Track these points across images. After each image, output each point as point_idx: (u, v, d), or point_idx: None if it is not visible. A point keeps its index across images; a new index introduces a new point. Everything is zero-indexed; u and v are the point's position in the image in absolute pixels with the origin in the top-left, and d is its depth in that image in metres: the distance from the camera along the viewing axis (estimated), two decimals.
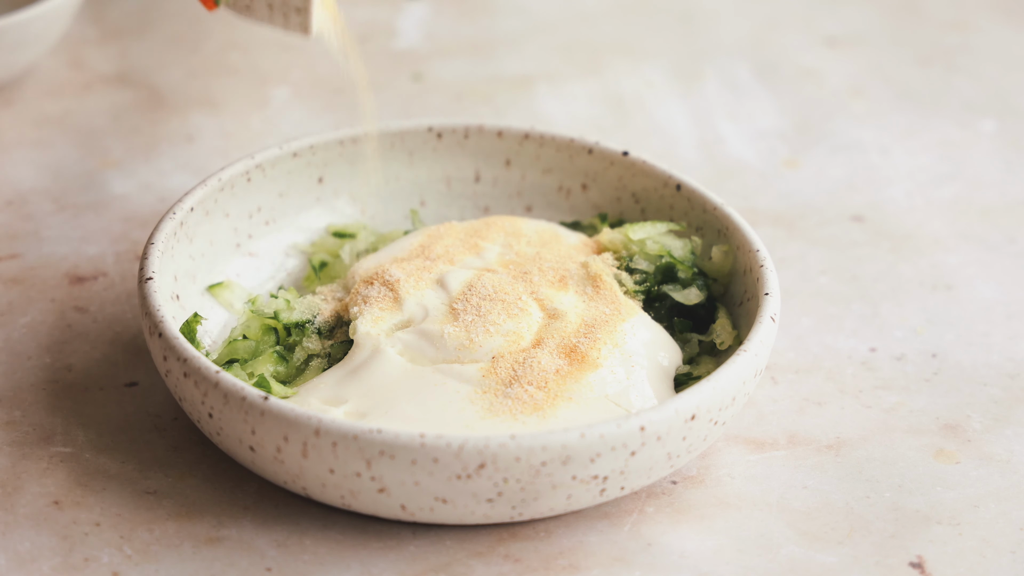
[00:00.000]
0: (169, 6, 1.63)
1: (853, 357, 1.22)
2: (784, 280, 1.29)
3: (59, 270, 1.28)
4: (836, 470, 1.12)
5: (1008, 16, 1.68)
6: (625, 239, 1.18)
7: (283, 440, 1.01)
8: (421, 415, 1.06)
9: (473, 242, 1.18)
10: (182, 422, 1.14)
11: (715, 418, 1.05)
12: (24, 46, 1.45)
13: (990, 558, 1.06)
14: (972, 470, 1.13)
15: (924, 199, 1.40)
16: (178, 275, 1.16)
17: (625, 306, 1.13)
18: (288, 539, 1.06)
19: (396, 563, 1.04)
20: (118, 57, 1.56)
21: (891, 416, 1.17)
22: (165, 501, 1.08)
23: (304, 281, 1.23)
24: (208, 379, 1.03)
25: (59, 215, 1.34)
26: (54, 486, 1.09)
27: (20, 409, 1.15)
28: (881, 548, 1.06)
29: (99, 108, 1.49)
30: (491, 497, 1.01)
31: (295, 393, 1.09)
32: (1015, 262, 1.33)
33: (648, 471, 1.04)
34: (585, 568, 1.04)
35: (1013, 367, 1.22)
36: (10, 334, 1.21)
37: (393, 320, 1.12)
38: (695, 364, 1.16)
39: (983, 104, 1.53)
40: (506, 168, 1.27)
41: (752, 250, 1.15)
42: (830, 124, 1.50)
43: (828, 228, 1.36)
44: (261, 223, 1.23)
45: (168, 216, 1.16)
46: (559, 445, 1.00)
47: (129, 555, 1.04)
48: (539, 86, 1.54)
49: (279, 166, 1.23)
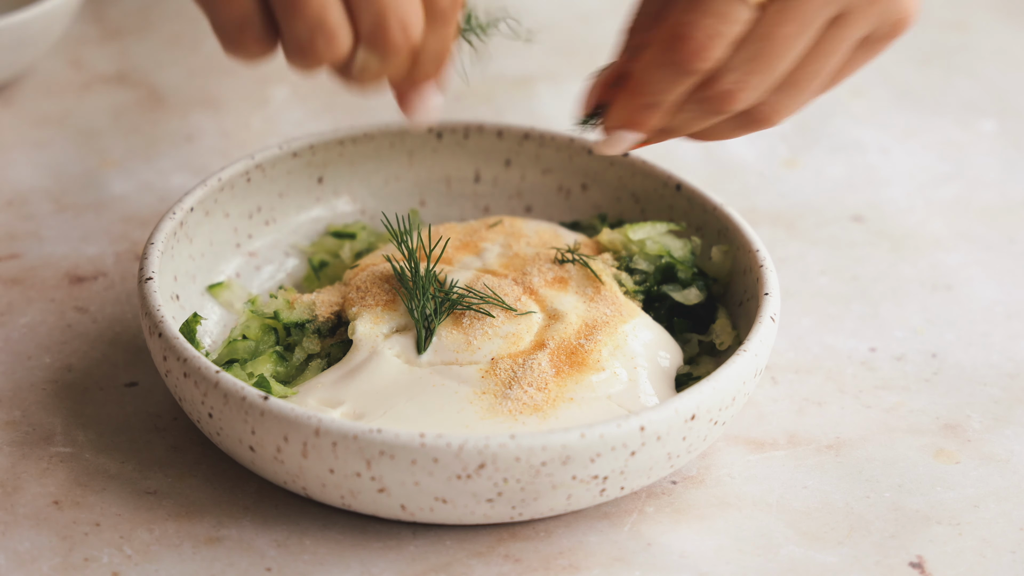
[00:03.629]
0: (169, 6, 1.63)
1: (853, 357, 1.22)
2: (784, 280, 1.29)
3: (59, 270, 1.28)
4: (836, 470, 1.12)
5: (1008, 16, 1.68)
6: (625, 239, 1.18)
7: (283, 440, 1.01)
8: (419, 416, 1.06)
9: (473, 242, 1.18)
10: (182, 422, 1.14)
11: (715, 418, 1.05)
12: (24, 46, 1.45)
13: (990, 558, 1.06)
14: (972, 470, 1.13)
15: (924, 199, 1.40)
16: (178, 275, 1.16)
17: (626, 307, 1.13)
18: (288, 539, 1.06)
19: (396, 563, 1.04)
20: (118, 57, 1.56)
21: (891, 416, 1.17)
22: (165, 501, 1.08)
23: (304, 281, 1.23)
24: (208, 379, 1.03)
25: (59, 215, 1.34)
26: (54, 486, 1.09)
27: (20, 409, 1.15)
28: (881, 548, 1.06)
29: (99, 108, 1.49)
30: (491, 497, 1.01)
31: (295, 393, 1.09)
32: (1015, 262, 1.33)
33: (648, 471, 1.04)
34: (585, 568, 1.04)
35: (1013, 367, 1.22)
36: (10, 334, 1.21)
37: (392, 321, 1.12)
38: (695, 364, 1.16)
39: (983, 104, 1.53)
40: (506, 168, 1.27)
41: (752, 250, 1.15)
42: (830, 124, 1.50)
43: (828, 228, 1.36)
44: (261, 223, 1.23)
45: (168, 216, 1.16)
46: (559, 445, 1.00)
47: (129, 555, 1.04)
48: (539, 86, 1.54)
49: (279, 166, 1.23)
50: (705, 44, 0.98)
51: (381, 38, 0.97)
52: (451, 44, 1.01)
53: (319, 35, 0.96)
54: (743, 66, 0.99)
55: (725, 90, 1.00)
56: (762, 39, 0.99)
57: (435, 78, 1.02)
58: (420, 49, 1.00)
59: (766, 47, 0.99)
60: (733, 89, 1.00)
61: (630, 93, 1.02)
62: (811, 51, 1.01)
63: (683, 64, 0.99)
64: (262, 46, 0.98)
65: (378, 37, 0.97)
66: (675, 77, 1.00)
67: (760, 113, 1.03)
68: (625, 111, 1.03)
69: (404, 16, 0.97)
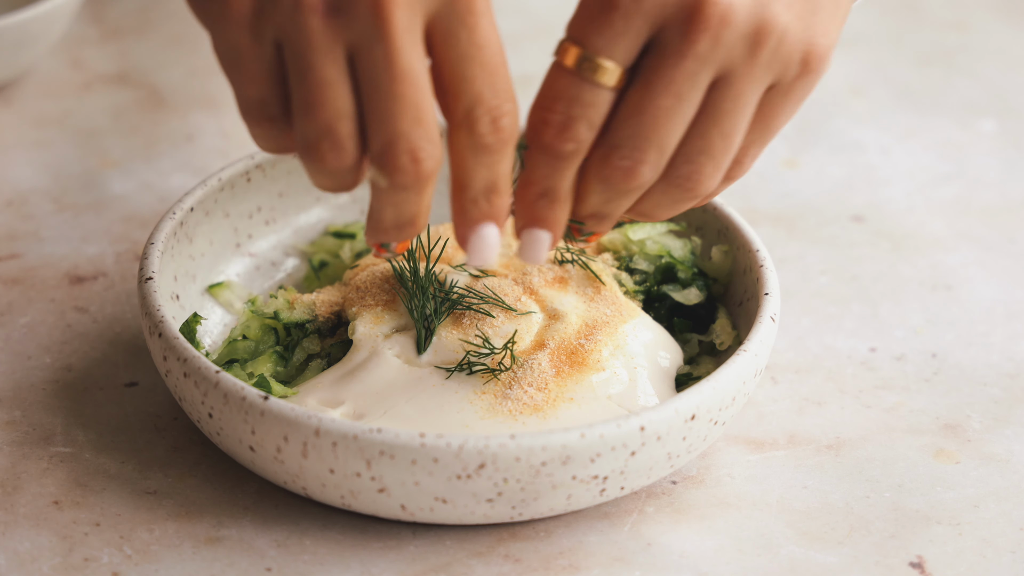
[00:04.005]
0: (169, 6, 1.63)
1: (853, 357, 1.22)
2: (784, 280, 1.29)
3: (59, 270, 1.28)
4: (836, 470, 1.12)
5: (1008, 16, 1.68)
6: (625, 239, 1.18)
7: (283, 440, 1.01)
8: (419, 416, 1.06)
9: None
10: (182, 422, 1.14)
11: (715, 418, 1.05)
12: (24, 46, 1.45)
13: (990, 558, 1.06)
14: (972, 470, 1.13)
15: (924, 199, 1.40)
16: (178, 275, 1.16)
17: (626, 307, 1.13)
18: (288, 539, 1.06)
19: (396, 563, 1.04)
20: (118, 57, 1.56)
21: (891, 416, 1.17)
22: (165, 501, 1.08)
23: (304, 281, 1.23)
24: (208, 379, 1.03)
25: (59, 215, 1.34)
26: (54, 486, 1.09)
27: (20, 409, 1.15)
28: (881, 548, 1.06)
29: (99, 108, 1.49)
30: (491, 497, 1.01)
31: (295, 393, 1.09)
32: (1015, 262, 1.33)
33: (648, 471, 1.04)
34: (585, 568, 1.04)
35: (1013, 367, 1.22)
36: (10, 334, 1.21)
37: (392, 321, 1.12)
38: (695, 364, 1.16)
39: (983, 104, 1.53)
40: None
41: (752, 250, 1.15)
42: (830, 124, 1.50)
43: (828, 228, 1.36)
44: (261, 223, 1.23)
45: (168, 216, 1.16)
46: (559, 445, 1.00)
47: (129, 555, 1.04)
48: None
49: (279, 166, 1.23)
50: (565, 126, 0.96)
51: (388, 163, 0.94)
52: (507, 181, 0.97)
53: (326, 142, 0.94)
54: (628, 142, 0.96)
55: (620, 166, 0.97)
56: (638, 114, 0.96)
57: (491, 219, 0.98)
58: (466, 181, 0.97)
59: (645, 121, 0.96)
60: (628, 165, 0.97)
61: (522, 187, 1.00)
62: (703, 118, 0.97)
63: (550, 148, 0.97)
64: (279, 132, 0.96)
65: (385, 161, 0.94)
66: (551, 161, 0.98)
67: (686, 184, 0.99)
68: (525, 207, 1.00)
69: (416, 144, 0.94)
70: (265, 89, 0.95)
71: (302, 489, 1.04)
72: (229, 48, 0.94)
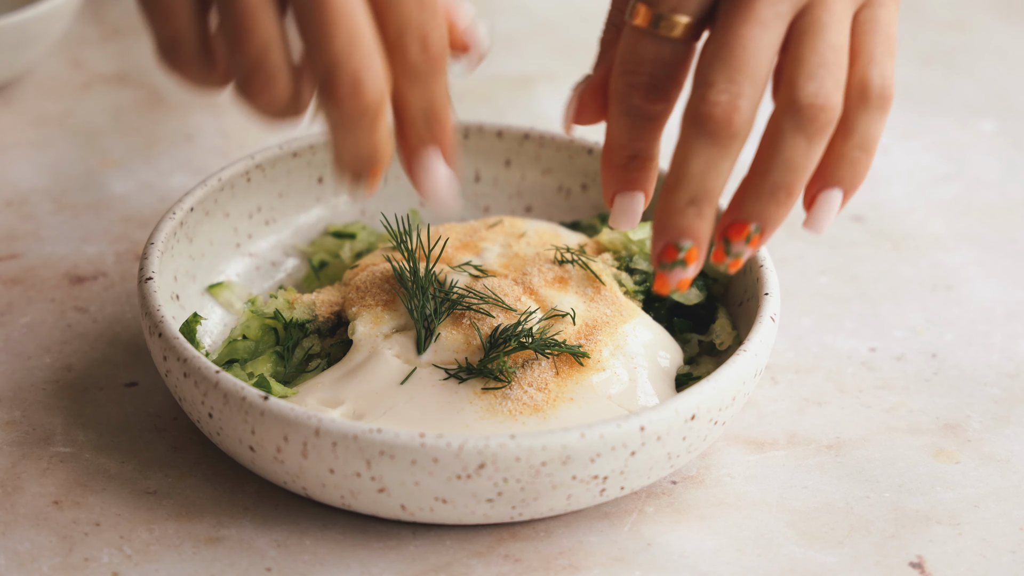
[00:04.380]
0: None
1: (853, 357, 1.22)
2: (784, 280, 1.29)
3: (59, 270, 1.28)
4: (836, 470, 1.12)
5: (1008, 16, 1.68)
6: (625, 239, 1.18)
7: (283, 440, 1.01)
8: (419, 416, 1.06)
9: (472, 242, 1.18)
10: (182, 422, 1.14)
11: (715, 418, 1.05)
12: (24, 46, 1.45)
13: (990, 558, 1.06)
14: (972, 470, 1.13)
15: (924, 199, 1.40)
16: (178, 275, 1.16)
17: (626, 307, 1.13)
18: (288, 539, 1.06)
19: (396, 563, 1.04)
20: (118, 57, 1.56)
21: (891, 416, 1.17)
22: (165, 501, 1.08)
23: (304, 281, 1.23)
24: (208, 379, 1.03)
25: (59, 215, 1.34)
26: (54, 486, 1.09)
27: (20, 409, 1.15)
28: (881, 548, 1.06)
29: (99, 108, 1.49)
30: (491, 497, 1.01)
31: (295, 393, 1.09)
32: (1015, 262, 1.33)
33: (648, 471, 1.04)
34: (585, 568, 1.04)
35: (1013, 367, 1.22)
36: (10, 334, 1.21)
37: (392, 321, 1.12)
38: (695, 364, 1.16)
39: (983, 104, 1.53)
40: (506, 168, 1.27)
41: None
42: None
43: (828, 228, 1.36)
44: (261, 223, 1.23)
45: (168, 216, 1.16)
46: (559, 445, 1.00)
47: (129, 555, 1.04)
48: (539, 86, 1.54)
49: (279, 166, 1.23)
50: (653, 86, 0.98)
51: (331, 93, 0.90)
52: (444, 103, 0.94)
53: (259, 73, 0.90)
54: (722, 75, 0.95)
55: (718, 102, 0.95)
56: (725, 47, 0.95)
57: (432, 144, 0.95)
58: (404, 108, 0.94)
59: (735, 52, 0.95)
60: (725, 99, 0.95)
61: (608, 151, 1.00)
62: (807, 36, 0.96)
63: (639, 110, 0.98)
64: (198, 73, 0.93)
65: (327, 89, 0.90)
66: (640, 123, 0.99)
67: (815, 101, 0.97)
68: (615, 171, 1.01)
69: (355, 69, 0.89)
70: (184, 23, 0.91)
71: (302, 489, 1.04)
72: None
